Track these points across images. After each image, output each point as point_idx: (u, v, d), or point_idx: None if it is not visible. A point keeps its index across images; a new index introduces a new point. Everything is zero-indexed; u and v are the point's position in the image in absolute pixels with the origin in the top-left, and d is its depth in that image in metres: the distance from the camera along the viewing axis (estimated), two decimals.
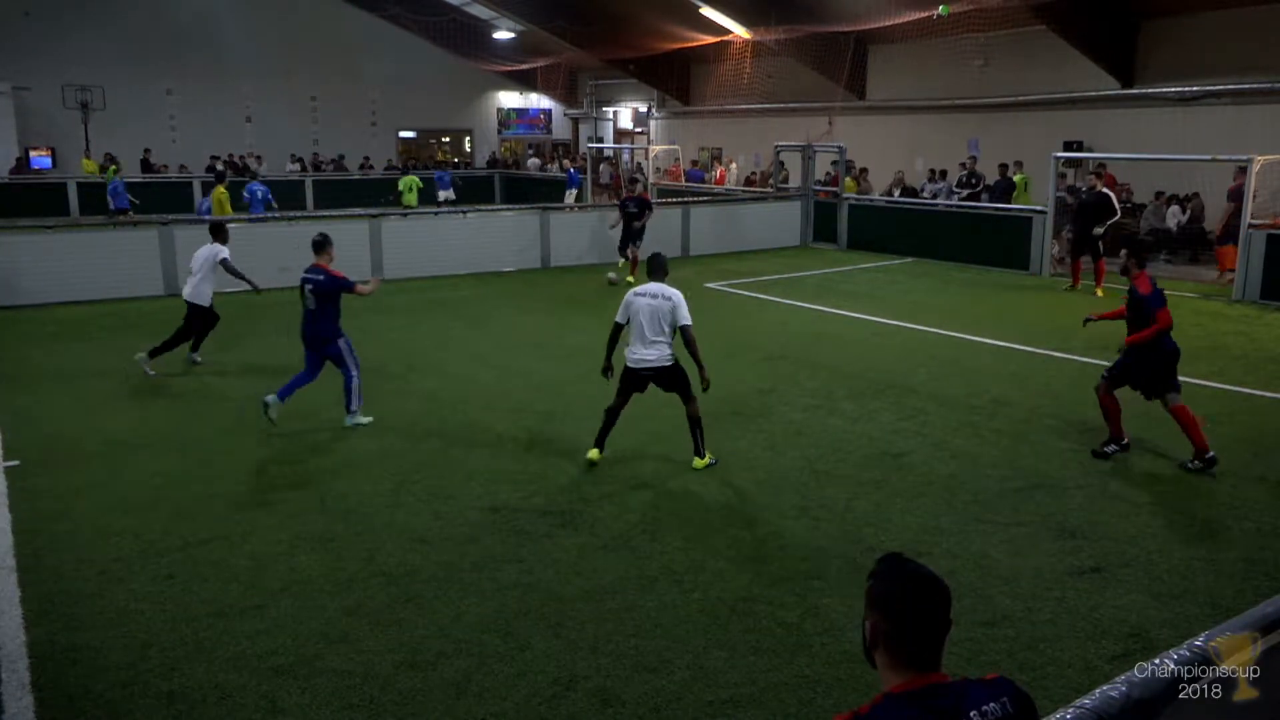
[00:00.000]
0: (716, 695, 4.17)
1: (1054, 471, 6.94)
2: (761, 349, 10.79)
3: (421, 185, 23.62)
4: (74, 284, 13.42)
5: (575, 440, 7.63)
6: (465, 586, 5.16)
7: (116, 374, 9.68)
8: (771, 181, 22.87)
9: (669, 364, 6.83)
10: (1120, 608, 4.91)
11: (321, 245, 8.09)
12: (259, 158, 29.68)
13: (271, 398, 7.76)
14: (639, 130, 33.20)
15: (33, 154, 27.18)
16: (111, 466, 6.98)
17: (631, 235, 15.53)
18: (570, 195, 24.62)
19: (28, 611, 4.82)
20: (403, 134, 35.28)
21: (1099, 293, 14.03)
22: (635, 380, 6.94)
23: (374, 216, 16.39)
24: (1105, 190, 14.33)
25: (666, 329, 6.75)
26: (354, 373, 7.96)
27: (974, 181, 19.02)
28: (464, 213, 18.01)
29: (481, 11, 30.34)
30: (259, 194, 18.85)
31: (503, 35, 31.38)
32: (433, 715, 4.03)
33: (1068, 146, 18.63)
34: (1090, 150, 18.78)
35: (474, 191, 27.79)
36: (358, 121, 33.11)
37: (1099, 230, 14.02)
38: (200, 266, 9.94)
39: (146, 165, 27.87)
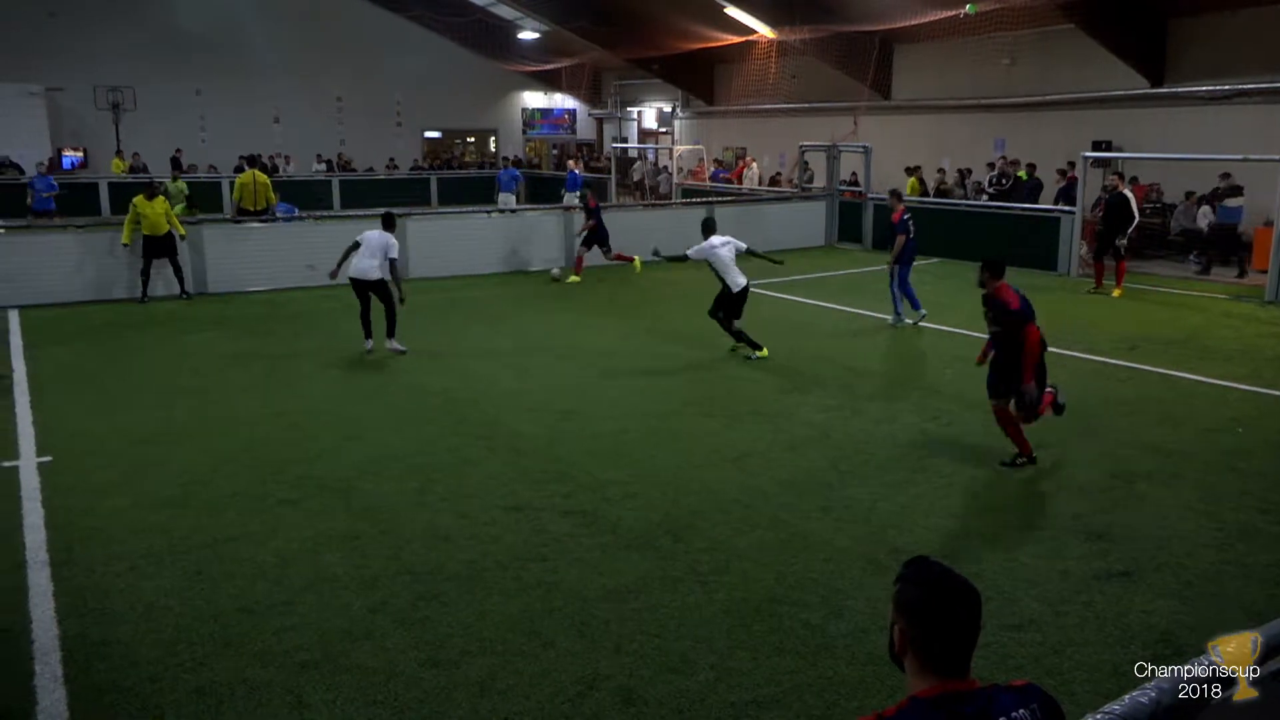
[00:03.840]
0: (740, 696, 4.16)
1: (1080, 473, 6.88)
2: (785, 349, 10.75)
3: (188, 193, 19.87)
4: (102, 284, 13.61)
5: (596, 440, 7.64)
6: (489, 585, 5.18)
7: (139, 373, 9.80)
8: (795, 181, 22.79)
9: (746, 283, 10.33)
10: (1150, 612, 4.86)
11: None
12: (287, 158, 29.94)
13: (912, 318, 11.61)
14: (663, 130, 33.18)
15: (65, 154, 27.53)
16: (140, 463, 7.06)
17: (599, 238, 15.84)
18: (572, 198, 24.15)
19: (60, 605, 4.89)
20: (428, 134, 35.46)
21: (1116, 293, 13.91)
22: (743, 299, 10.23)
23: (400, 216, 16.46)
24: (1125, 192, 14.17)
25: (740, 254, 10.50)
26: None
27: (1004, 181, 18.87)
28: (489, 212, 18.07)
29: (506, 12, 30.43)
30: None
31: (527, 35, 31.46)
32: (456, 713, 4.05)
33: (1096, 146, 18.42)
34: (1120, 150, 18.58)
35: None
36: (383, 122, 33.30)
37: (1122, 241, 13.94)
38: None
39: (176, 165, 28.15)
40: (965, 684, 1.91)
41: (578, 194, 23.65)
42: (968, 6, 18.40)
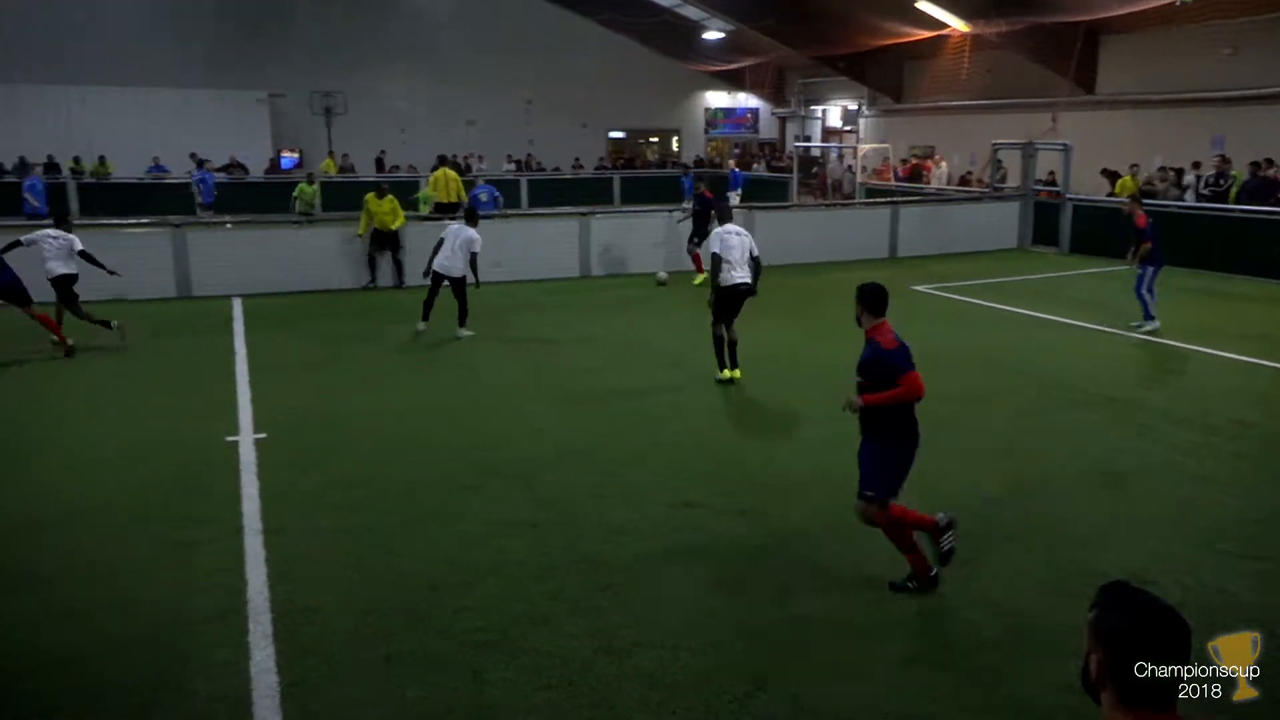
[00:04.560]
0: (914, 709, 4.04)
1: None
2: (970, 355, 10.34)
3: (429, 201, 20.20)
4: (313, 274, 14.63)
5: (767, 440, 7.60)
6: (661, 579, 5.24)
7: (345, 358, 10.49)
8: (987, 181, 21.85)
9: (751, 283, 8.94)
10: None
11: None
12: (480, 157, 31.31)
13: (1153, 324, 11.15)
14: (848, 129, 32.53)
15: (283, 155, 29.87)
16: (341, 443, 7.55)
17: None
18: (734, 198, 23.65)
19: (271, 571, 5.32)
20: (612, 134, 36.21)
21: None
22: (733, 298, 8.96)
23: (583, 215, 16.93)
24: None
25: (750, 257, 9.02)
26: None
27: (1222, 182, 17.42)
28: (670, 211, 18.25)
29: (692, 12, 30.66)
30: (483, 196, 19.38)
31: (712, 35, 31.58)
32: (626, 702, 4.13)
33: None
34: None
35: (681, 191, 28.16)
36: (569, 122, 34.23)
37: None
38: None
39: (380, 165, 30.03)
40: (1170, 718, 1.78)
41: (738, 192, 23.50)
42: None
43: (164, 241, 14.12)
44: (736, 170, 24.72)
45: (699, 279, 14.99)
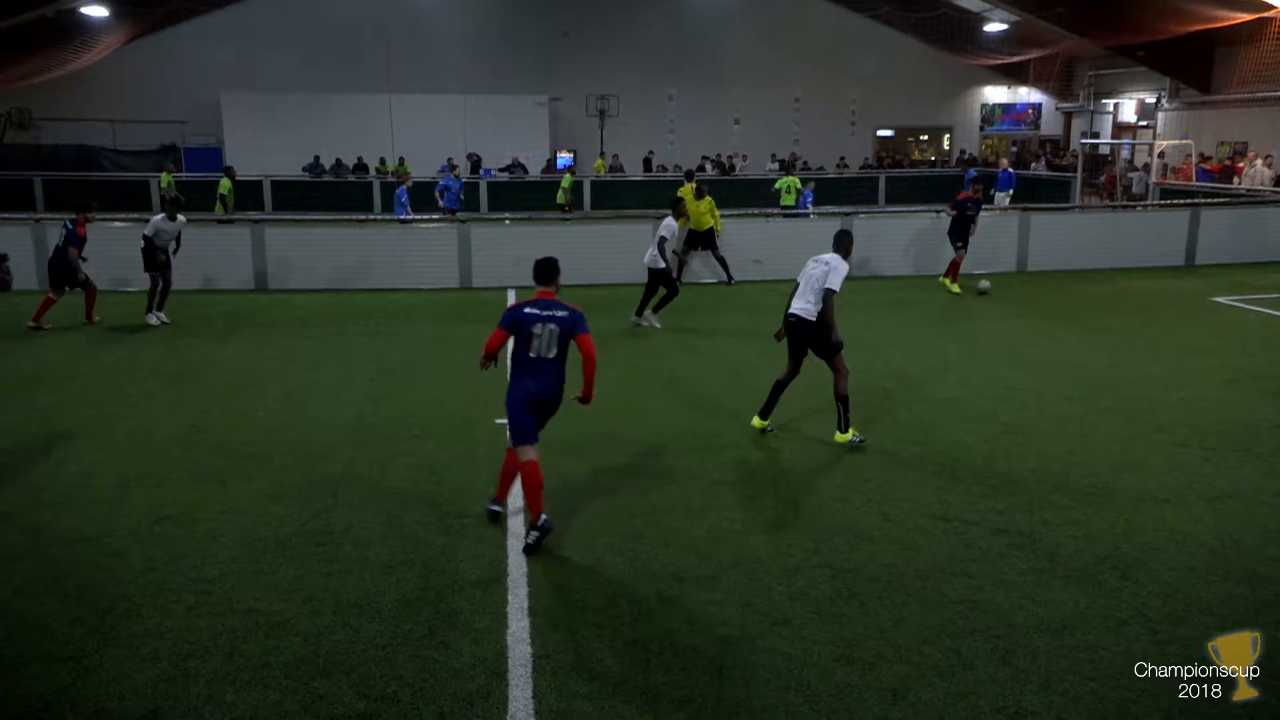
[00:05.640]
0: None
1: None
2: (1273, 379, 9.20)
3: (800, 186, 19.63)
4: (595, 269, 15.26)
5: (1041, 458, 7.13)
6: (909, 592, 5.07)
7: (610, 351, 10.88)
8: None
9: (810, 319, 7.26)
10: None
11: None
12: (745, 156, 31.56)
13: None
14: (1143, 124, 29.77)
15: (559, 155, 31.60)
16: (604, 431, 7.77)
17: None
18: (1004, 199, 21.86)
19: None
20: (880, 133, 35.26)
21: None
22: (788, 330, 7.50)
23: (845, 215, 16.63)
24: None
25: (816, 288, 7.27)
26: None
27: None
28: (937, 212, 17.55)
29: (973, 4, 29.24)
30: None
31: (994, 28, 29.97)
32: (866, 716, 4.03)
33: None
34: None
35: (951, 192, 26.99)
36: (837, 121, 33.74)
37: None
38: None
39: (647, 166, 31.02)
40: None
41: (1009, 193, 21.96)
42: None
43: (449, 235, 15.33)
44: (1008, 169, 23.26)
45: (944, 280, 14.71)
